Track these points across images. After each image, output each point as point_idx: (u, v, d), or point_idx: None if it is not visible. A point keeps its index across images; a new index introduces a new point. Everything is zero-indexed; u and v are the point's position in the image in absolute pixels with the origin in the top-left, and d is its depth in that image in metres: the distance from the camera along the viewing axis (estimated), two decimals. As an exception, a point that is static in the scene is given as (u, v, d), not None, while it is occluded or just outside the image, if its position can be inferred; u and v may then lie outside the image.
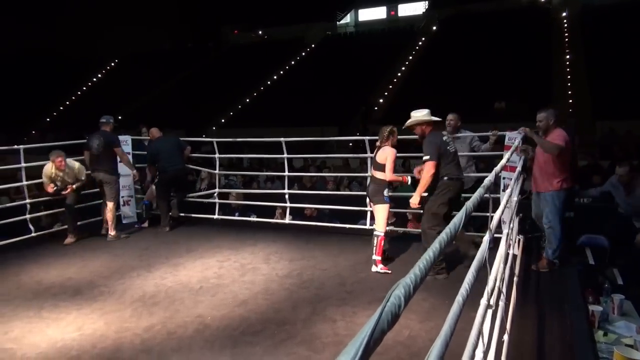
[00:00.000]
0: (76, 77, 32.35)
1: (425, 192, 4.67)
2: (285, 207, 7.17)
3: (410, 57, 26.87)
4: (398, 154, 4.93)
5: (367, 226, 6.44)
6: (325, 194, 8.10)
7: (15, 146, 6.49)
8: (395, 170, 4.91)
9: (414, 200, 4.67)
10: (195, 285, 4.72)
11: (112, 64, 34.39)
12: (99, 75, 33.64)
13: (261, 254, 5.68)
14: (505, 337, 2.93)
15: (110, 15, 35.28)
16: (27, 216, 6.48)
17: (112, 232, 6.48)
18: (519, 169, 4.26)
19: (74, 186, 6.32)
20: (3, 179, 9.20)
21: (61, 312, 4.19)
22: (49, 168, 6.16)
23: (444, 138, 4.70)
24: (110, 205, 6.45)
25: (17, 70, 31.56)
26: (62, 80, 31.12)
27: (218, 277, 4.95)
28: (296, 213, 7.56)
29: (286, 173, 7.15)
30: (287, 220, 7.09)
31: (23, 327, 3.91)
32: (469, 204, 1.68)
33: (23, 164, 6.48)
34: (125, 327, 3.88)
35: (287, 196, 7.05)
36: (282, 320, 3.93)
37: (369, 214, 6.40)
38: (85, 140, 6.69)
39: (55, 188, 6.21)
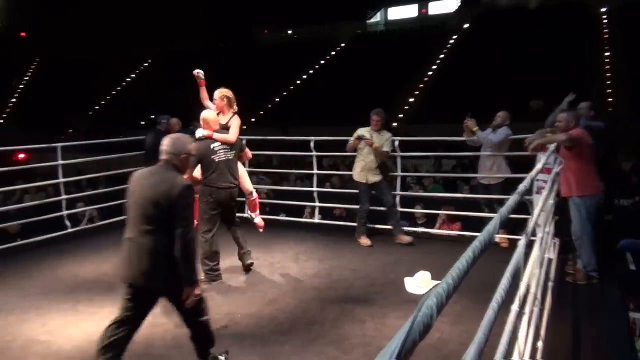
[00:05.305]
0: (111, 77, 33.17)
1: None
2: (315, 207, 7.17)
3: (442, 56, 26.49)
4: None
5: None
6: (354, 193, 8.06)
7: (54, 144, 6.70)
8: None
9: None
10: (225, 284, 4.77)
11: (146, 64, 35.15)
12: (133, 76, 34.42)
13: (290, 253, 5.69)
14: (540, 344, 2.85)
15: (144, 16, 36.04)
16: (64, 212, 6.67)
17: None
18: (555, 170, 4.12)
19: (376, 144, 5.87)
20: (42, 176, 9.54)
21: (96, 306, 4.29)
22: (363, 129, 6.05)
23: (213, 146, 4.67)
24: None
25: (56, 74, 32.62)
26: (98, 81, 31.96)
27: (248, 275, 4.98)
28: (326, 213, 7.55)
29: (315, 171, 7.14)
30: (317, 219, 7.09)
31: (59, 320, 4.03)
32: (503, 211, 1.62)
33: (60, 162, 6.67)
34: (157, 322, 3.94)
35: (316, 194, 7.04)
36: (311, 320, 3.93)
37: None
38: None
39: (369, 140, 5.88)
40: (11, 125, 29.36)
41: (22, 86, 35.08)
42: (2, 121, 31.41)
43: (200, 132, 4.73)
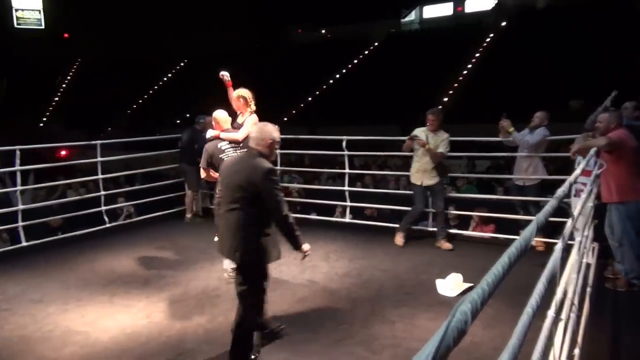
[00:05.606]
0: (148, 77, 33.98)
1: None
2: (346, 206, 7.16)
3: (478, 55, 26.00)
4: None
5: (429, 227, 6.31)
6: (384, 193, 8.02)
7: (93, 142, 6.94)
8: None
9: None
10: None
11: (182, 64, 35.85)
12: (169, 75, 35.18)
13: (321, 252, 5.69)
14: (577, 351, 2.77)
15: (180, 18, 36.78)
16: (102, 208, 6.89)
17: (188, 215, 7.29)
18: (595, 173, 3.98)
19: (428, 146, 5.62)
20: (81, 172, 9.88)
21: (131, 299, 4.42)
22: (419, 129, 5.85)
23: (220, 145, 4.72)
24: (188, 192, 7.29)
25: (97, 73, 33.68)
26: (136, 81, 32.80)
27: (278, 273, 5.00)
28: (357, 213, 7.53)
29: (347, 170, 7.14)
30: (347, 219, 7.08)
31: (97, 312, 4.17)
32: (540, 217, 1.59)
33: (99, 159, 6.89)
34: (190, 317, 4.03)
35: (347, 194, 7.03)
36: (341, 319, 3.93)
37: (430, 215, 6.26)
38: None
39: (421, 141, 5.65)
40: (54, 123, 30.49)
41: (64, 85, 36.35)
42: (45, 119, 32.59)
43: (209, 132, 4.90)
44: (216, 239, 5.24)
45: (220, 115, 4.88)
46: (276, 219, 3.16)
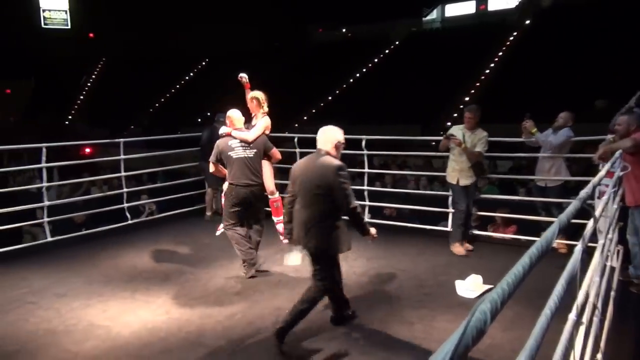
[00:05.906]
0: (170, 77, 34.41)
1: None
2: (364, 206, 7.14)
3: (501, 53, 25.63)
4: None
5: (449, 228, 6.25)
6: (404, 193, 7.97)
7: (117, 140, 7.07)
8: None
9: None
10: (274, 278, 4.84)
11: (203, 64, 36.21)
12: (191, 74, 35.57)
13: (339, 251, 5.69)
14: (599, 356, 2.71)
15: (201, 17, 37.18)
16: (125, 205, 7.00)
17: (208, 213, 7.33)
18: (617, 174, 3.89)
19: (464, 145, 5.40)
20: (104, 169, 10.07)
21: (152, 295, 4.49)
22: (456, 127, 5.76)
23: (230, 143, 4.80)
24: (208, 190, 7.33)
25: (120, 73, 34.28)
26: (158, 80, 33.24)
27: (296, 271, 5.01)
28: (376, 212, 7.51)
29: (366, 170, 7.12)
30: (366, 218, 7.06)
31: (118, 307, 4.24)
32: (562, 217, 1.56)
33: (122, 156, 7.02)
34: (208, 313, 4.08)
35: (365, 193, 7.02)
36: (358, 319, 3.92)
37: (450, 215, 6.20)
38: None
39: (456, 140, 5.44)
40: (79, 122, 31.14)
41: (89, 84, 37.08)
42: (70, 117, 33.29)
43: (222, 129, 5.00)
44: (218, 233, 5.41)
45: (234, 114, 4.97)
46: (346, 211, 3.49)
